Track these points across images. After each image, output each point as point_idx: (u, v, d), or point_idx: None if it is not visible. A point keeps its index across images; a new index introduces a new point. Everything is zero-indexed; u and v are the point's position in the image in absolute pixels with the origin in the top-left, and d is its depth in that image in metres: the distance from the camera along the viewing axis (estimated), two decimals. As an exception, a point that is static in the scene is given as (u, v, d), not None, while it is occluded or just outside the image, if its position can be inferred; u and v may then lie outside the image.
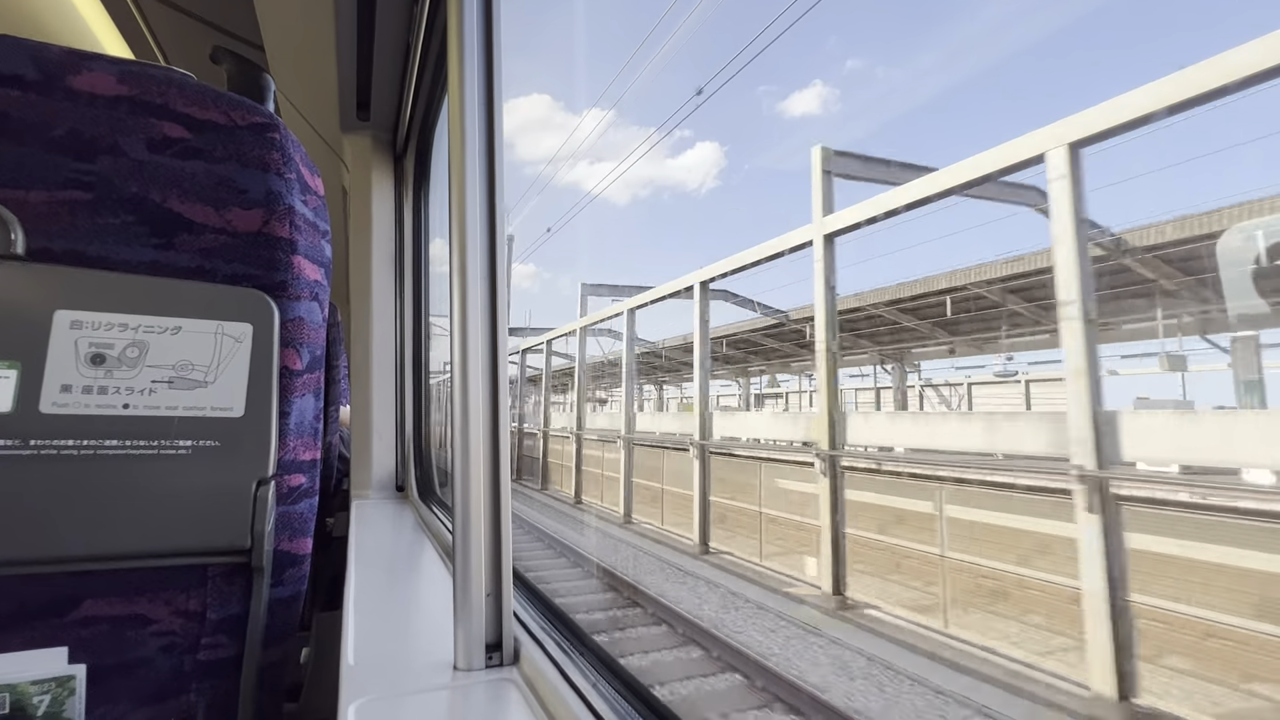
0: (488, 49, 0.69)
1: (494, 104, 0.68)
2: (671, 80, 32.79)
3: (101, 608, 0.62)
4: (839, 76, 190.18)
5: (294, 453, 0.76)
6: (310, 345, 0.79)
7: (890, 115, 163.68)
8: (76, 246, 0.65)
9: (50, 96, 0.64)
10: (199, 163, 0.69)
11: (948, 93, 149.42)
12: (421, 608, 0.83)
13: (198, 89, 0.70)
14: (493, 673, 0.61)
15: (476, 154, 0.66)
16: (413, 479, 1.65)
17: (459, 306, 0.64)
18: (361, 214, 1.71)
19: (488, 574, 0.62)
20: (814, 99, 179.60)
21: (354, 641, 0.68)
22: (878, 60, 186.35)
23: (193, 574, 0.66)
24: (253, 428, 0.68)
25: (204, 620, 0.66)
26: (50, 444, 0.59)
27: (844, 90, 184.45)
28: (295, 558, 0.78)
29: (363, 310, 1.68)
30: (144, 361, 0.64)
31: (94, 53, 0.67)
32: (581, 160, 55.35)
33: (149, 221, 0.67)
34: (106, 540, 0.61)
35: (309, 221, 0.78)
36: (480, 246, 0.65)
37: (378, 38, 1.32)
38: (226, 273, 0.70)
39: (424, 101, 1.47)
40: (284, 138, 0.74)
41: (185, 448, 0.64)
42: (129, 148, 0.66)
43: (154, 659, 0.64)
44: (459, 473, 0.62)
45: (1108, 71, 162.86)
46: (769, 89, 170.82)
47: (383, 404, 1.68)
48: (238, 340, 0.68)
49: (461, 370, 0.63)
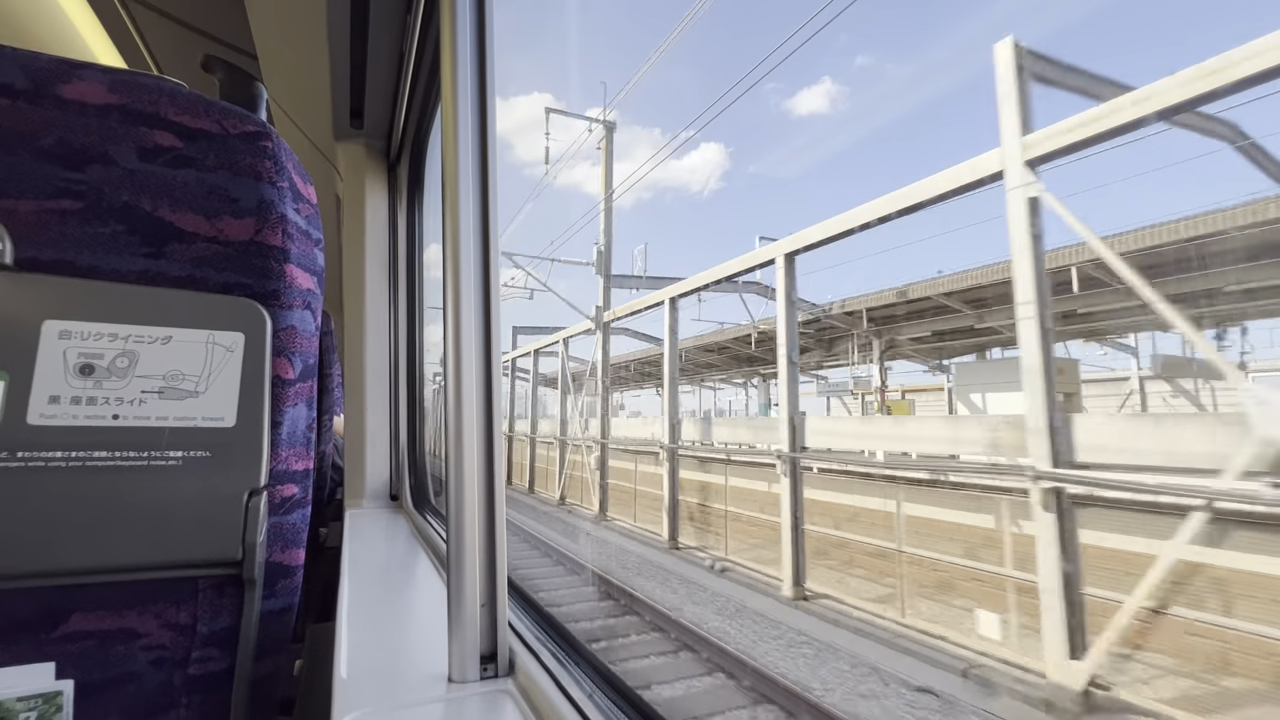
0: (480, 57, 0.69)
1: (487, 112, 0.68)
2: (677, 77, 32.43)
3: (90, 621, 0.62)
4: (848, 74, 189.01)
5: (286, 463, 0.76)
6: (303, 354, 0.79)
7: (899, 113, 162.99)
8: (66, 256, 0.64)
9: (40, 105, 0.64)
10: (191, 171, 0.69)
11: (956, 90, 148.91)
12: (416, 619, 0.82)
13: (189, 98, 0.70)
14: (487, 684, 0.60)
15: (470, 162, 0.66)
16: (407, 488, 1.64)
17: (452, 314, 0.64)
18: (355, 222, 1.71)
19: (482, 584, 0.61)
20: (822, 96, 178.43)
21: (347, 654, 0.67)
22: (887, 58, 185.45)
23: (183, 586, 0.65)
24: (244, 438, 0.67)
25: (194, 633, 0.66)
26: (38, 456, 0.58)
27: (854, 88, 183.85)
28: (288, 569, 0.77)
29: (356, 319, 1.67)
30: (134, 371, 0.63)
31: (84, 61, 0.67)
32: (584, 161, 55.21)
33: (140, 231, 0.67)
34: (95, 553, 0.60)
35: (301, 230, 0.78)
36: (474, 254, 0.65)
37: (371, 46, 1.32)
38: (218, 282, 0.70)
39: (418, 109, 1.47)
40: (276, 146, 0.74)
41: (176, 459, 0.64)
42: (120, 156, 0.66)
43: (143, 673, 0.63)
44: (453, 481, 0.62)
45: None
46: (776, 86, 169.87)
47: (376, 412, 1.67)
48: (229, 350, 0.68)
49: (455, 378, 0.63)
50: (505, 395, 17.76)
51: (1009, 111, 5.74)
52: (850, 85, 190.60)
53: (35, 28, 1.67)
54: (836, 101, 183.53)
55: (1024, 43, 5.74)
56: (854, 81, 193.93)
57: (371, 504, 1.63)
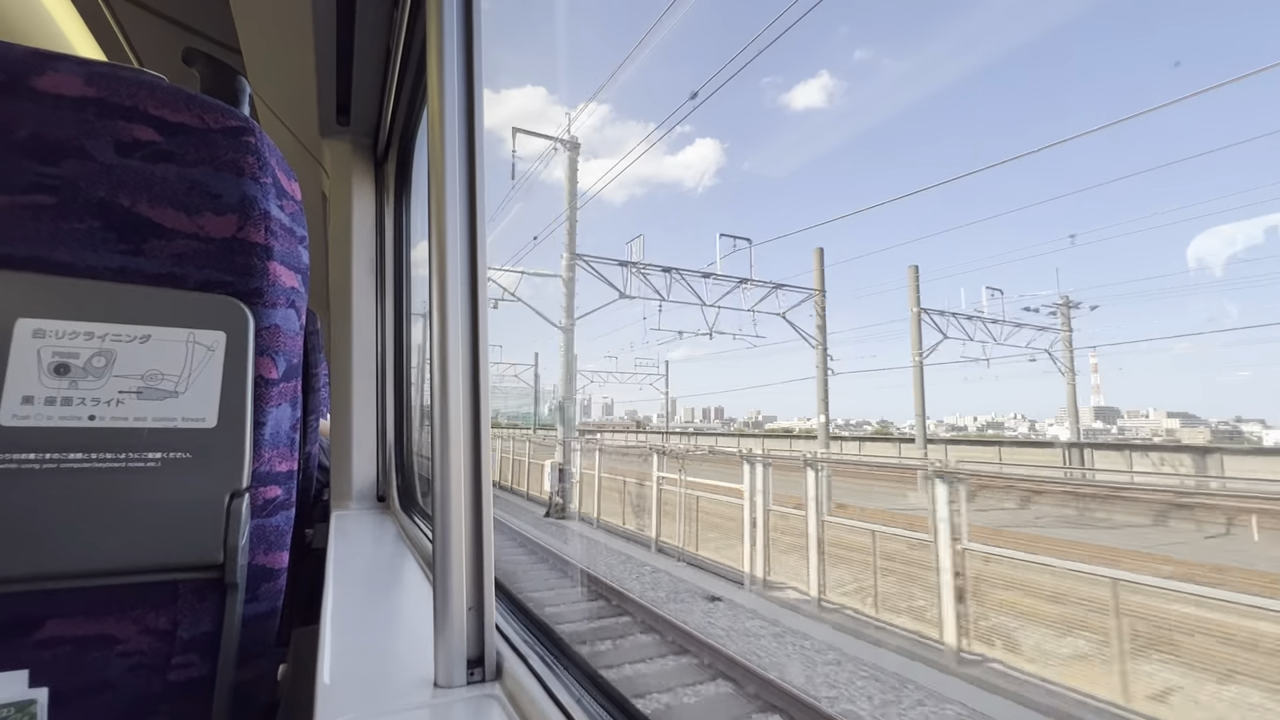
0: (468, 53, 0.68)
1: (474, 109, 0.67)
2: (672, 72, 31.46)
3: (65, 627, 0.60)
4: (846, 68, 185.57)
5: (269, 464, 0.74)
6: (287, 353, 0.77)
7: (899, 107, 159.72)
8: (40, 253, 0.63)
9: (13, 97, 0.62)
10: (170, 166, 0.67)
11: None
12: (402, 622, 0.81)
13: (169, 91, 0.68)
14: (474, 689, 0.60)
15: (457, 160, 0.65)
16: (394, 489, 1.62)
17: (439, 313, 0.63)
18: (341, 220, 1.69)
19: (469, 587, 0.60)
20: (819, 91, 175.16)
21: (331, 659, 0.66)
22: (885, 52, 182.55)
23: (163, 591, 0.64)
24: (226, 439, 0.66)
25: (174, 639, 0.64)
26: (10, 458, 0.57)
27: (851, 82, 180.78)
28: (271, 572, 0.76)
29: (343, 318, 1.65)
30: (111, 371, 0.62)
31: (60, 53, 0.65)
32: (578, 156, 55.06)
33: (117, 227, 0.65)
34: (71, 557, 0.59)
35: (285, 227, 0.76)
36: (460, 252, 0.64)
37: (358, 42, 1.30)
38: (199, 279, 0.69)
39: (405, 106, 1.45)
40: (259, 141, 0.72)
41: (155, 460, 0.62)
42: (96, 151, 0.64)
43: (120, 680, 0.62)
44: (439, 482, 0.61)
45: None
46: (773, 80, 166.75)
47: (363, 413, 1.65)
48: (210, 349, 0.66)
49: (441, 377, 0.62)
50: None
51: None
52: (848, 80, 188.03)
53: (13, 20, 1.63)
54: (834, 96, 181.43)
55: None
56: (852, 76, 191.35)
57: (358, 505, 1.61)
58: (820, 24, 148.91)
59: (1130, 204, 62.64)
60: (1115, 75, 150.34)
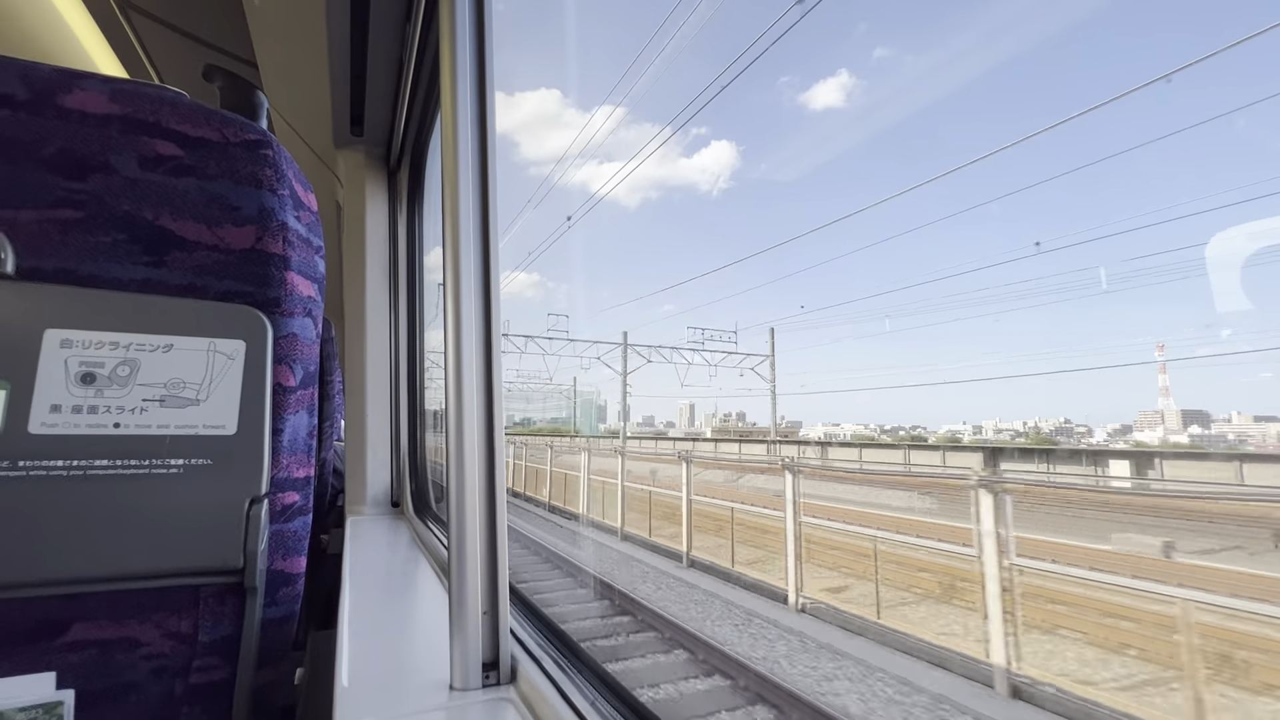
0: (480, 64, 0.69)
1: (487, 119, 0.68)
2: (689, 78, 31.99)
3: (91, 631, 0.61)
4: (865, 66, 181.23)
5: (287, 470, 0.76)
6: (304, 361, 0.79)
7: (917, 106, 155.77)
8: (67, 265, 0.64)
9: (41, 115, 0.64)
10: (191, 180, 0.69)
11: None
12: (417, 626, 0.82)
13: (190, 107, 0.70)
14: (489, 692, 0.60)
15: (470, 168, 0.66)
16: (408, 494, 1.63)
17: (453, 320, 0.64)
18: (355, 229, 1.71)
19: (484, 591, 0.61)
20: (838, 90, 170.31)
21: (348, 662, 0.67)
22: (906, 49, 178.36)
23: (184, 595, 0.65)
24: (245, 445, 0.67)
25: (195, 642, 0.65)
26: (39, 465, 0.58)
27: (870, 81, 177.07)
28: (289, 576, 0.77)
29: (357, 325, 1.67)
30: (135, 380, 0.63)
31: (85, 71, 0.67)
32: (591, 160, 55.05)
33: (141, 239, 0.67)
34: (97, 562, 0.60)
35: (302, 237, 0.78)
36: (474, 260, 0.65)
37: (370, 54, 1.32)
38: (219, 289, 0.70)
39: (417, 116, 1.48)
40: (277, 154, 0.74)
41: (177, 467, 0.64)
42: (121, 166, 0.66)
43: (144, 683, 0.63)
44: (454, 488, 0.62)
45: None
46: (790, 79, 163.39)
47: (378, 419, 1.67)
48: (230, 357, 0.68)
49: (456, 383, 0.63)
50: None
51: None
52: (867, 79, 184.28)
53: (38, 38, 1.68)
54: (852, 95, 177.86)
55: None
56: (871, 74, 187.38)
57: (373, 510, 1.63)
58: (838, 22, 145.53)
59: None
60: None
